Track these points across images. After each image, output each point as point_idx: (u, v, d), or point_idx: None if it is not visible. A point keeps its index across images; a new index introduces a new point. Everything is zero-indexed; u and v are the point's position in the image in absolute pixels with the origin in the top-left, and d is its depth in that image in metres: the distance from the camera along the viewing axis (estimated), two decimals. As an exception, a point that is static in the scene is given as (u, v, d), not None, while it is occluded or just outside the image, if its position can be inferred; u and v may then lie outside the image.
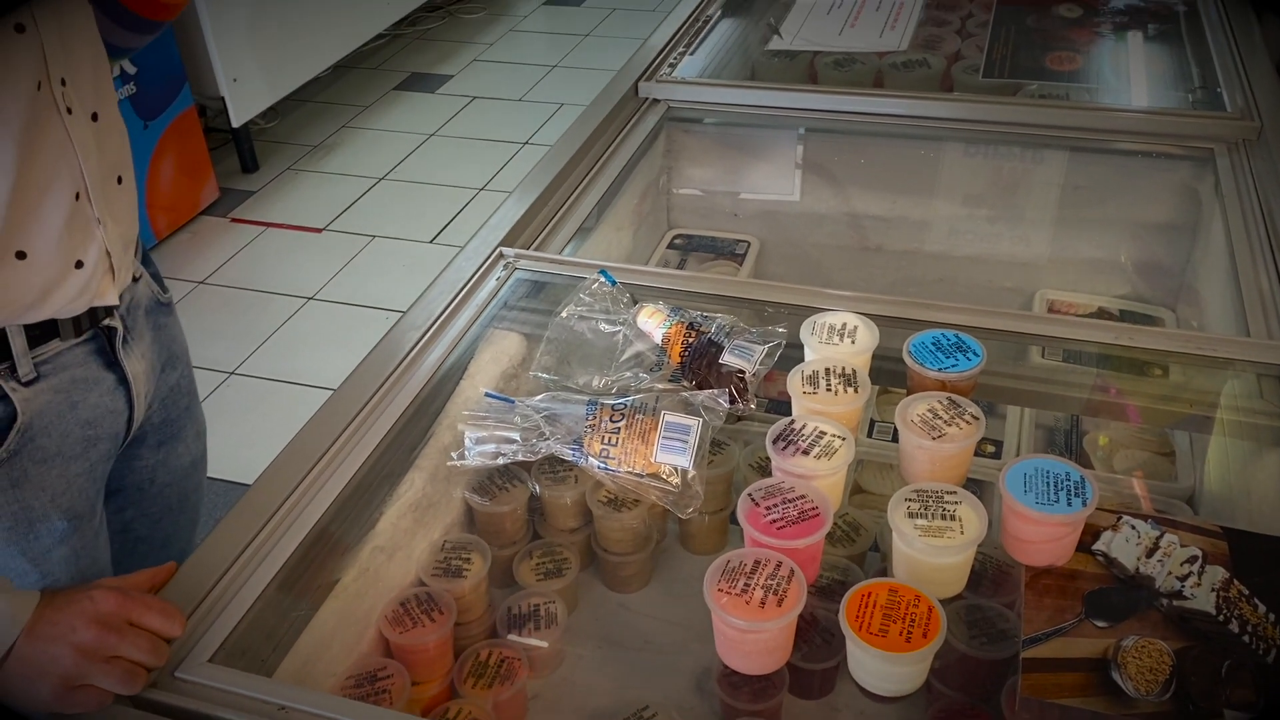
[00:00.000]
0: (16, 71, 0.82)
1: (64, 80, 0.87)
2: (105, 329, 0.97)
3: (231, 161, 3.48)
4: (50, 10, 0.84)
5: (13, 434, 0.90)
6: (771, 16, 2.04)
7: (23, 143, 0.83)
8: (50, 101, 0.85)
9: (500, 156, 3.55)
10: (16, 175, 0.83)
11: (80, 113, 0.89)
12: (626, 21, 4.55)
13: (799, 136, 1.78)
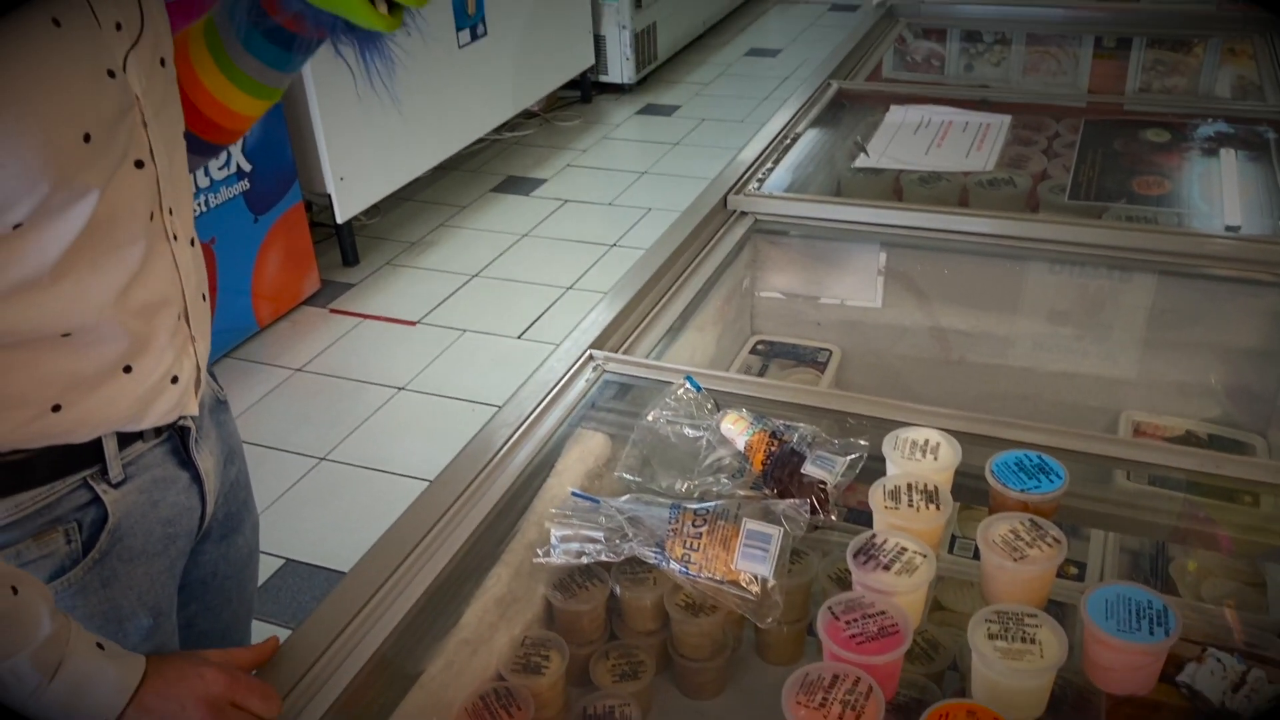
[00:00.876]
0: (136, 203, 0.89)
1: (171, 210, 0.94)
2: (179, 429, 1.02)
3: (334, 255, 3.64)
4: (163, 146, 0.92)
5: (104, 534, 0.95)
6: (859, 135, 2.10)
7: (139, 269, 0.90)
8: (161, 230, 0.93)
9: (589, 257, 3.65)
10: (132, 299, 0.90)
11: (183, 239, 0.96)
12: (715, 131, 4.68)
13: (883, 250, 1.81)
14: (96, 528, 0.94)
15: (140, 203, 0.89)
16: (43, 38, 0.78)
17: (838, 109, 2.21)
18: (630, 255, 3.64)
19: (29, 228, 0.80)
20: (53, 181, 0.79)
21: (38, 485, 0.90)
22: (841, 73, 2.35)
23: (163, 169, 0.92)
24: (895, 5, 2.78)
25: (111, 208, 0.85)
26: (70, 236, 0.83)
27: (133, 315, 0.90)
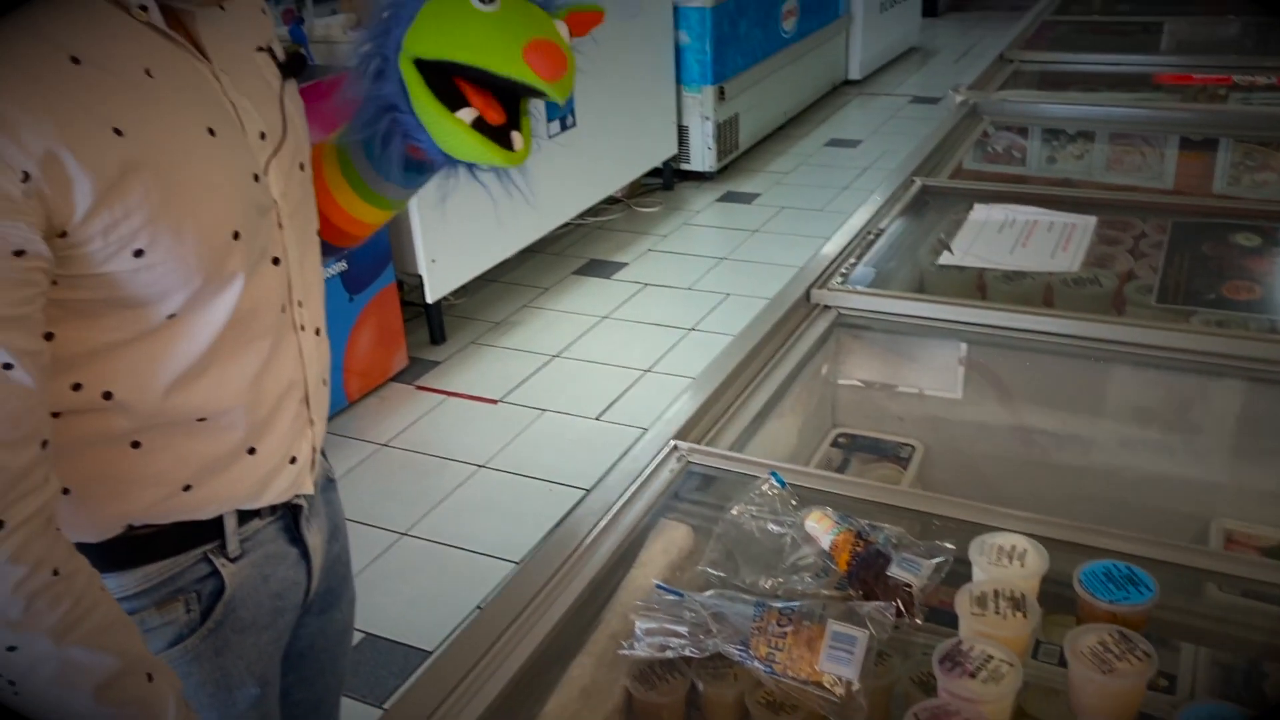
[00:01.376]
0: (271, 297, 0.96)
1: (300, 302, 1.01)
2: (293, 507, 1.08)
3: (422, 333, 3.75)
4: (296, 244, 0.99)
5: (220, 605, 1.01)
6: (942, 232, 2.12)
7: (269, 358, 0.97)
8: (290, 321, 1.00)
9: (667, 341, 3.70)
10: (262, 385, 0.97)
11: (309, 329, 1.03)
12: (794, 219, 4.74)
13: (966, 346, 1.82)
14: (213, 599, 0.99)
15: (274, 296, 0.96)
16: (200, 145, 0.86)
17: (921, 205, 2.24)
18: (708, 339, 3.69)
19: (181, 318, 0.88)
20: (205, 275, 0.87)
21: (164, 558, 0.96)
22: (925, 169, 2.38)
23: (294, 265, 0.99)
24: (979, 103, 2.81)
25: (251, 301, 0.92)
26: (217, 327, 0.90)
27: (261, 401, 0.97)
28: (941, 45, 7.87)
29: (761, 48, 5.47)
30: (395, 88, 0.93)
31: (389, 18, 0.93)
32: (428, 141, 0.95)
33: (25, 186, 0.74)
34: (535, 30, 0.88)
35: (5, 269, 0.75)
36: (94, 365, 0.86)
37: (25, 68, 0.75)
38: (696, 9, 4.95)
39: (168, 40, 0.86)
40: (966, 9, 9.13)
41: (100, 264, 0.81)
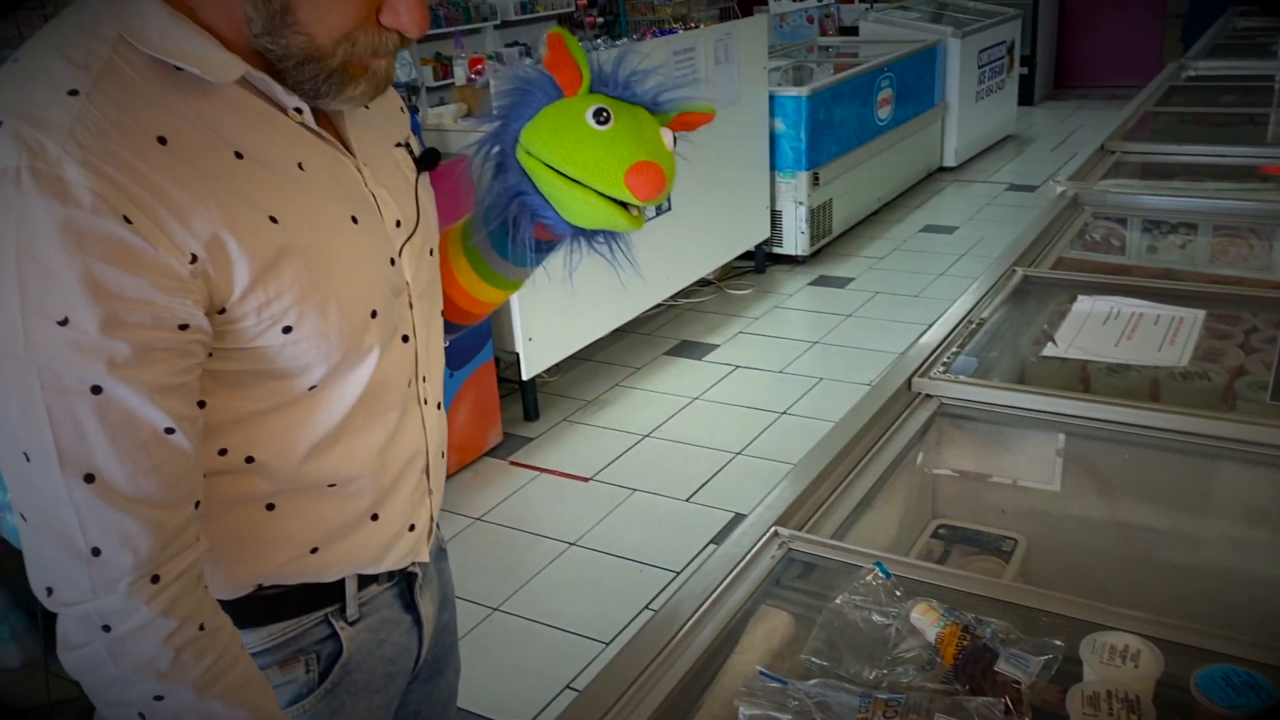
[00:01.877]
0: (399, 372, 1.02)
1: (424, 377, 1.07)
2: (408, 574, 1.12)
3: (516, 409, 3.82)
4: (423, 323, 1.05)
5: (337, 667, 1.05)
6: (1045, 323, 2.11)
7: (395, 429, 1.02)
8: (415, 395, 1.05)
9: (759, 424, 3.70)
10: (388, 455, 1.02)
11: (432, 403, 1.09)
12: (889, 305, 4.73)
13: (1071, 439, 1.80)
14: (331, 660, 1.03)
15: (403, 371, 1.02)
16: (345, 233, 0.93)
17: (1023, 295, 2.23)
18: (801, 424, 3.68)
19: (320, 390, 0.94)
20: (344, 351, 0.93)
21: (289, 618, 1.01)
22: (1026, 259, 2.38)
23: (421, 343, 1.05)
24: (1080, 194, 2.80)
25: (383, 375, 0.98)
26: (351, 399, 0.96)
27: (386, 470, 1.02)
28: (1038, 133, 7.85)
29: (856, 135, 5.54)
30: (518, 175, 1.00)
31: (507, 115, 1.00)
32: (554, 217, 1.00)
33: (193, 267, 0.81)
34: (641, 151, 0.95)
35: (171, 341, 0.81)
36: (240, 431, 0.92)
37: (197, 161, 0.82)
38: (792, 97, 5.05)
39: (318, 138, 0.93)
40: (1063, 97, 9.12)
41: (252, 339, 0.88)
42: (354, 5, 0.84)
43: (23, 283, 0.76)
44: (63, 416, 0.79)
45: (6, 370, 0.79)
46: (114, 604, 0.81)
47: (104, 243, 0.77)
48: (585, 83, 0.97)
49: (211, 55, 0.84)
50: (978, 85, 6.93)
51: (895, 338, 4.33)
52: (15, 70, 0.83)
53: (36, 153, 0.76)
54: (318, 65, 0.87)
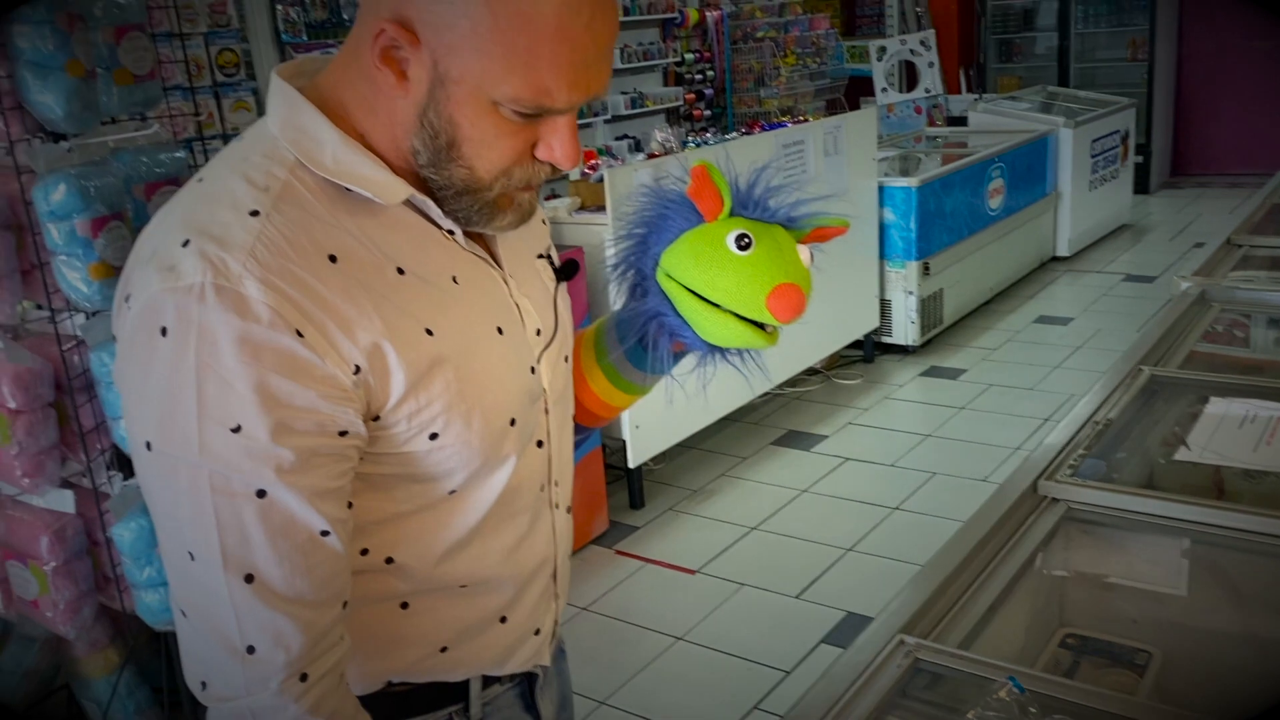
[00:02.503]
0: (533, 476, 1.04)
1: (556, 482, 1.09)
2: (530, 676, 1.13)
3: (622, 496, 3.83)
4: (557, 428, 1.08)
5: None
6: (1176, 424, 2.04)
7: (527, 533, 1.04)
8: (547, 500, 1.08)
9: (869, 519, 3.63)
10: (518, 558, 1.04)
11: (562, 507, 1.11)
12: (1003, 398, 4.63)
13: (1206, 548, 1.72)
14: None
15: (536, 476, 1.05)
16: (491, 343, 0.97)
17: (1150, 395, 2.17)
18: (913, 520, 3.60)
19: (460, 494, 0.97)
20: (485, 456, 0.96)
21: (416, 715, 1.03)
22: (1152, 358, 2.31)
23: (554, 448, 1.07)
24: (1207, 289, 2.72)
25: (518, 479, 1.01)
26: (488, 503, 0.98)
27: (517, 573, 1.04)
28: (1155, 222, 7.67)
29: (967, 224, 5.49)
30: (658, 297, 1.04)
31: (646, 237, 1.05)
32: (692, 336, 1.04)
33: (356, 378, 0.86)
34: (781, 274, 0.98)
35: (332, 447, 0.86)
36: (382, 533, 0.95)
37: (363, 277, 0.88)
38: (902, 188, 5.05)
39: (471, 252, 0.98)
40: (1180, 186, 8.91)
41: (401, 444, 0.91)
42: (514, 142, 0.89)
43: (201, 391, 0.81)
44: (229, 519, 0.82)
45: (181, 475, 0.83)
46: (265, 701, 0.84)
47: (277, 355, 0.81)
48: (726, 209, 1.00)
49: (379, 179, 0.90)
50: (1091, 174, 6.83)
51: (1011, 432, 4.23)
52: (201, 191, 0.90)
53: (220, 269, 0.81)
54: (474, 196, 0.92)
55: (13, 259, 2.07)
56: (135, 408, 0.86)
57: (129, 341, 0.85)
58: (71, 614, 2.24)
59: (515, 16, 0.82)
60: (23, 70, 1.93)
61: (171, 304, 0.81)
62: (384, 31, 0.84)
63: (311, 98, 0.92)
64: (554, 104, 0.86)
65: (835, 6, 10.55)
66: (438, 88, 0.86)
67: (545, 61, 0.84)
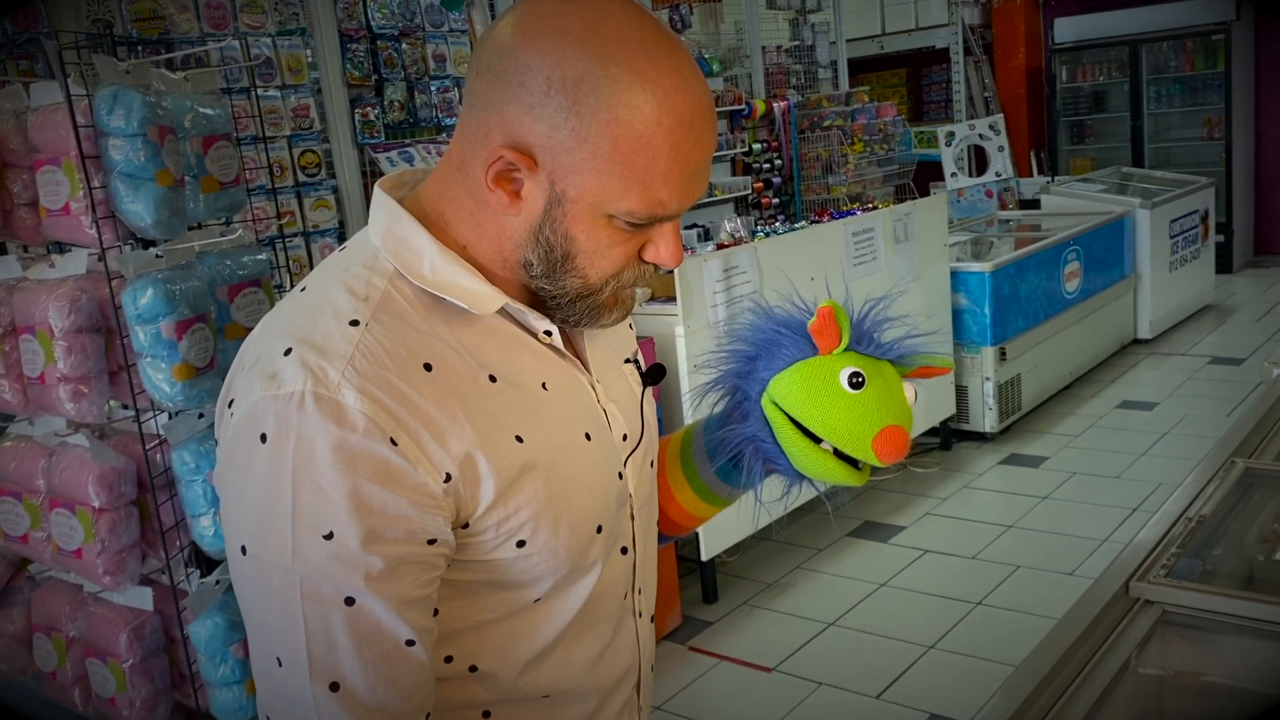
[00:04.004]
0: (618, 583, 1.03)
1: (640, 589, 1.08)
2: None
3: (694, 590, 3.76)
4: (642, 534, 1.07)
5: None
6: (1277, 521, 1.94)
7: (610, 641, 1.03)
8: (631, 607, 1.06)
9: (952, 615, 3.51)
10: (601, 667, 1.02)
11: (645, 615, 1.09)
12: (1088, 487, 4.48)
13: (1316, 653, 1.62)
14: None
15: (621, 583, 1.04)
16: (579, 449, 0.97)
17: (1245, 489, 2.07)
18: (998, 615, 3.47)
19: (545, 601, 0.96)
20: (571, 564, 0.95)
21: None
22: (1246, 449, 2.22)
23: (639, 554, 1.06)
24: (1302, 375, 2.62)
25: (603, 586, 1.00)
26: (573, 610, 0.97)
27: (600, 683, 1.02)
28: (1239, 303, 7.47)
29: (1043, 308, 5.40)
30: (759, 424, 1.03)
31: (754, 357, 1.04)
32: (786, 465, 1.04)
33: (446, 486, 0.86)
34: (889, 416, 0.98)
35: (420, 555, 0.86)
36: (467, 640, 0.94)
37: (456, 385, 0.89)
38: (975, 273, 5.00)
39: (560, 357, 0.99)
40: (1265, 265, 8.70)
41: (489, 551, 0.91)
42: (626, 249, 0.92)
43: (297, 498, 0.82)
44: (317, 625, 0.83)
45: (274, 580, 0.84)
46: None
47: (371, 463, 0.82)
48: (843, 345, 1.00)
49: (475, 289, 0.92)
50: (1171, 255, 6.70)
51: (1098, 523, 4.08)
52: (304, 300, 0.92)
53: (320, 378, 0.83)
54: (586, 300, 0.94)
55: (101, 360, 2.14)
56: (233, 512, 0.87)
57: (230, 447, 0.87)
58: (148, 712, 2.25)
59: (634, 139, 0.85)
60: (115, 181, 2.01)
61: (272, 411, 0.83)
62: (502, 158, 0.87)
63: (411, 209, 0.94)
64: (666, 213, 0.90)
65: (902, 93, 10.63)
66: (555, 206, 0.89)
67: (660, 177, 0.87)
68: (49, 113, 2.07)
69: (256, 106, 3.03)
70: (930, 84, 10.76)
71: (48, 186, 2.09)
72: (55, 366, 2.09)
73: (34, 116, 2.10)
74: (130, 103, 1.98)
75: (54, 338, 2.07)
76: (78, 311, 2.07)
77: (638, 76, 0.85)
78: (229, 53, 4.07)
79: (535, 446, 0.92)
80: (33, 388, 2.15)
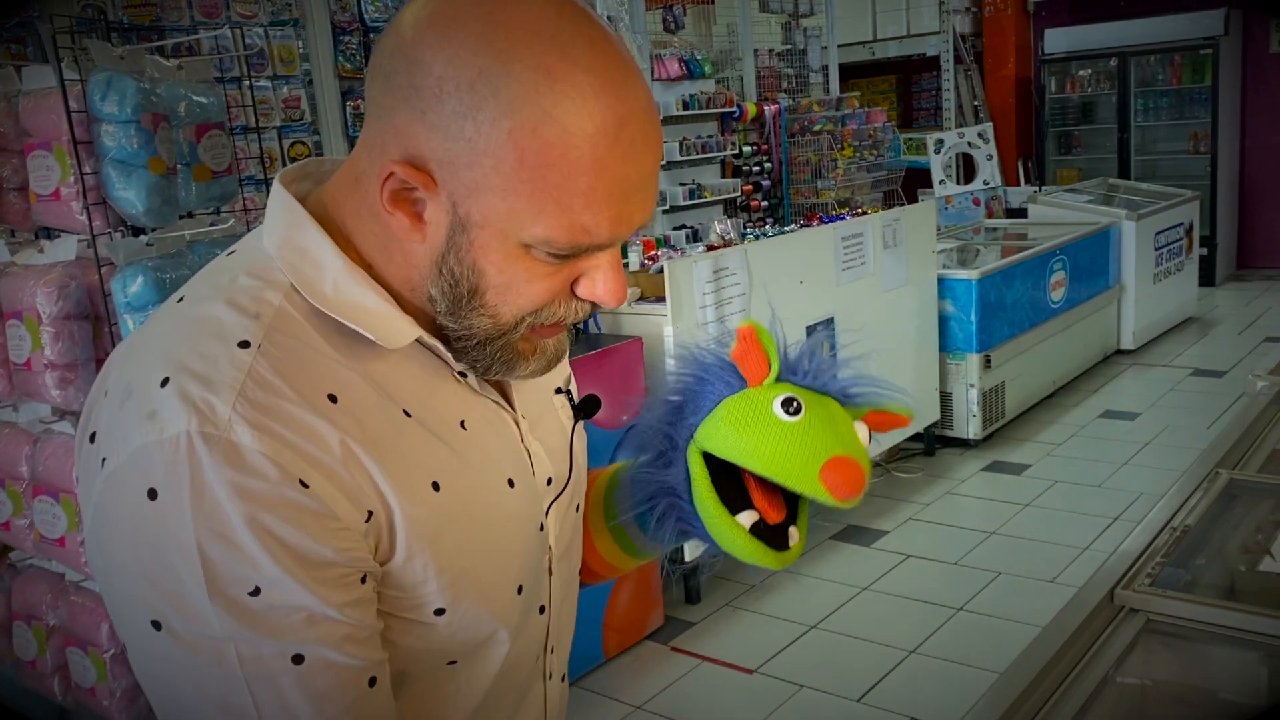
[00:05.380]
0: (531, 646, 0.94)
1: (552, 649, 0.99)
2: None
3: (678, 591, 3.77)
4: (560, 591, 0.97)
5: None
6: (1260, 533, 1.96)
7: (517, 705, 0.95)
8: (541, 670, 0.98)
9: (933, 620, 3.52)
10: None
11: (556, 676, 1.01)
12: (1070, 495, 4.51)
13: (1297, 664, 1.64)
14: None
15: (534, 645, 0.95)
16: (502, 499, 0.86)
17: (1229, 500, 2.09)
18: (979, 622, 3.49)
19: (461, 666, 0.87)
20: (490, 629, 0.86)
21: None
22: (1230, 461, 2.24)
23: (554, 612, 0.97)
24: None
25: (516, 652, 0.90)
26: (489, 678, 0.89)
27: None
28: (1222, 315, 7.54)
29: (1028, 317, 5.43)
30: (680, 477, 0.89)
31: (682, 403, 0.90)
32: (702, 531, 0.90)
33: (367, 525, 0.76)
34: (836, 446, 0.83)
35: (359, 595, 0.76)
36: None
37: (366, 420, 0.77)
38: (962, 280, 5.02)
39: (480, 395, 0.87)
40: (1247, 278, 8.77)
41: (402, 610, 0.81)
42: (549, 284, 0.79)
43: (206, 558, 0.70)
44: (267, 696, 0.72)
45: (201, 656, 0.72)
46: None
47: (282, 510, 0.71)
48: (773, 374, 0.87)
49: (385, 316, 0.79)
50: (1155, 267, 6.75)
51: (1079, 531, 4.10)
52: (182, 314, 0.79)
53: (206, 415, 0.70)
54: (496, 343, 0.81)
55: (89, 348, 2.12)
56: (130, 585, 0.73)
57: (110, 508, 0.73)
58: (128, 702, 2.24)
59: (544, 150, 0.71)
60: (107, 167, 2.00)
61: (158, 461, 0.70)
62: (393, 174, 0.74)
63: (314, 210, 0.81)
64: (594, 242, 0.76)
65: (892, 100, 10.68)
66: (459, 233, 0.75)
67: (580, 199, 0.73)
68: (41, 97, 2.06)
69: (250, 96, 3.02)
70: (920, 91, 10.80)
71: (38, 171, 2.08)
72: (42, 353, 2.07)
73: (26, 100, 2.08)
74: (124, 89, 1.97)
75: (41, 324, 2.06)
76: (66, 298, 2.06)
77: (547, 76, 0.71)
78: (221, 41, 4.05)
79: (453, 496, 0.81)
80: (18, 374, 2.14)
